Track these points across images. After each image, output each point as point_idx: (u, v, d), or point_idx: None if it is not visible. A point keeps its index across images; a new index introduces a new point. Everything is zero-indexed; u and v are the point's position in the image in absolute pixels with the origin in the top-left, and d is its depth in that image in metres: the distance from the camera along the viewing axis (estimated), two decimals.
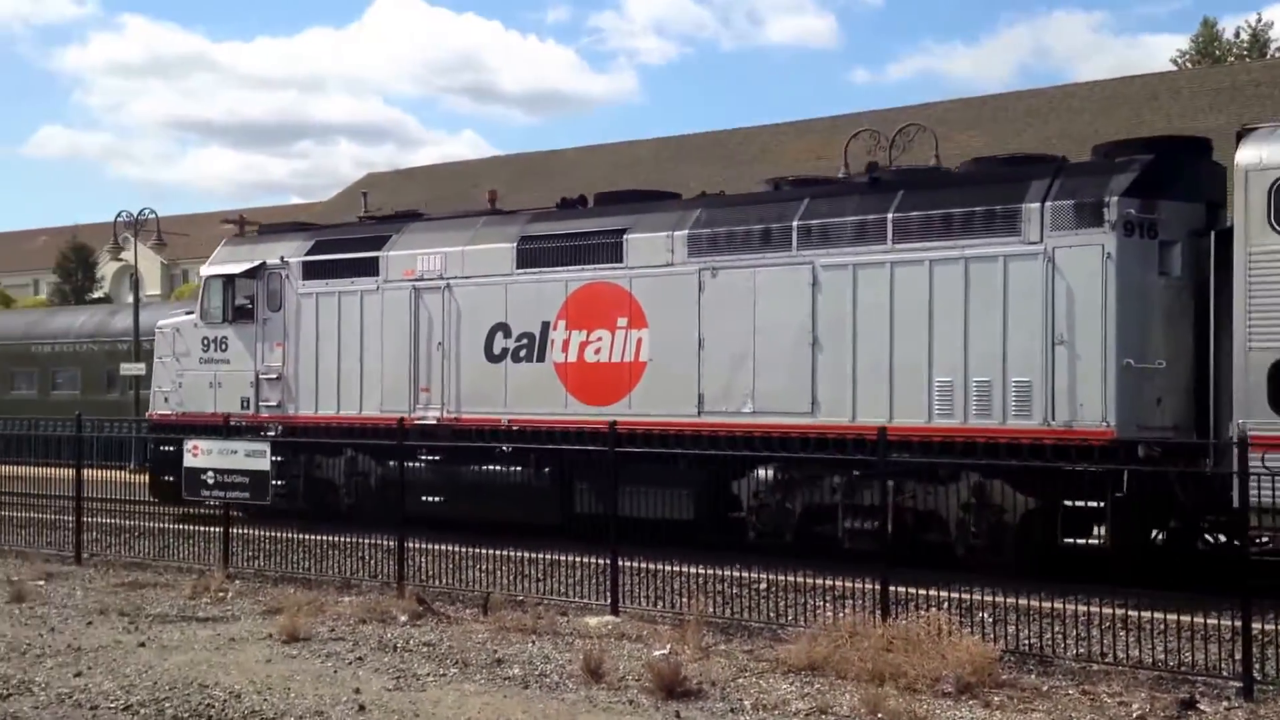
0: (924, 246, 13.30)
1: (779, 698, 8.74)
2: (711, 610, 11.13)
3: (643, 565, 12.25)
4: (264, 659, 10.10)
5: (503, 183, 32.15)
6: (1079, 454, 11.82)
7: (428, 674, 9.56)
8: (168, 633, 11.19)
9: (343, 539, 14.26)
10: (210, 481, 13.94)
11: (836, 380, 13.74)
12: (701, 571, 11.92)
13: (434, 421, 16.73)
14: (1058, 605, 10.43)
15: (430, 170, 58.95)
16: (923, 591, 10.66)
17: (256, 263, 18.85)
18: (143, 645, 10.65)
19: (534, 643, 10.57)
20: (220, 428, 15.64)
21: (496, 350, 16.40)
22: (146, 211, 22.51)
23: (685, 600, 11.50)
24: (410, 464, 15.53)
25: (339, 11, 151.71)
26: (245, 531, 14.73)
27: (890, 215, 13.60)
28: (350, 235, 18.89)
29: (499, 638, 10.76)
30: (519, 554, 13.09)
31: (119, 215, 22.62)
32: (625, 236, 15.52)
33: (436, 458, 16.23)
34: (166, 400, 19.72)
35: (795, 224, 14.21)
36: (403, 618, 11.58)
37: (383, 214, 19.97)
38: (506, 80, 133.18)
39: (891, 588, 10.45)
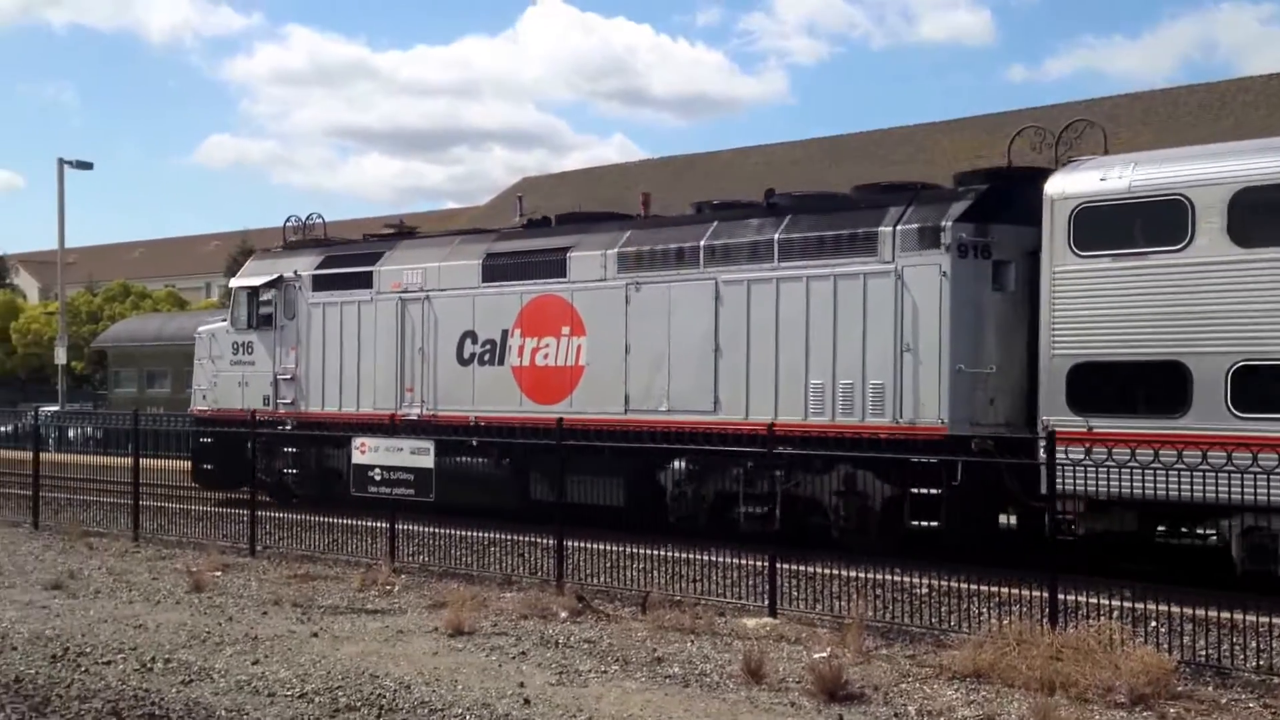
0: (803, 265, 15.11)
1: (944, 704, 8.55)
2: (871, 614, 10.96)
3: (800, 568, 12.15)
4: (431, 651, 10.32)
5: (656, 186, 32.26)
6: (922, 447, 13.43)
7: (589, 670, 9.64)
8: (339, 624, 11.54)
9: (503, 536, 14.49)
10: (376, 478, 14.34)
11: (733, 382, 15.60)
12: (860, 575, 11.74)
13: (415, 418, 18.57)
14: (1236, 615, 9.93)
15: (584, 174, 59.69)
16: (1092, 599, 10.33)
17: (275, 276, 21.11)
18: (315, 635, 10.98)
19: (692, 642, 10.56)
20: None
21: (466, 355, 18.42)
22: (314, 217, 23.24)
23: (844, 603, 11.35)
24: None
25: (493, 19, 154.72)
26: (410, 527, 15.09)
27: (776, 237, 15.43)
28: (352, 252, 21.01)
29: (658, 636, 10.78)
30: (675, 554, 13.11)
31: (288, 220, 23.39)
32: (568, 254, 17.49)
33: None
34: (204, 398, 22.04)
35: (702, 244, 16.09)
36: (563, 614, 11.71)
37: (383, 232, 22.13)
38: (656, 84, 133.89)
39: (1060, 595, 10.12)
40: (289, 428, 20.09)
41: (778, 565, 11.81)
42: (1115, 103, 42.27)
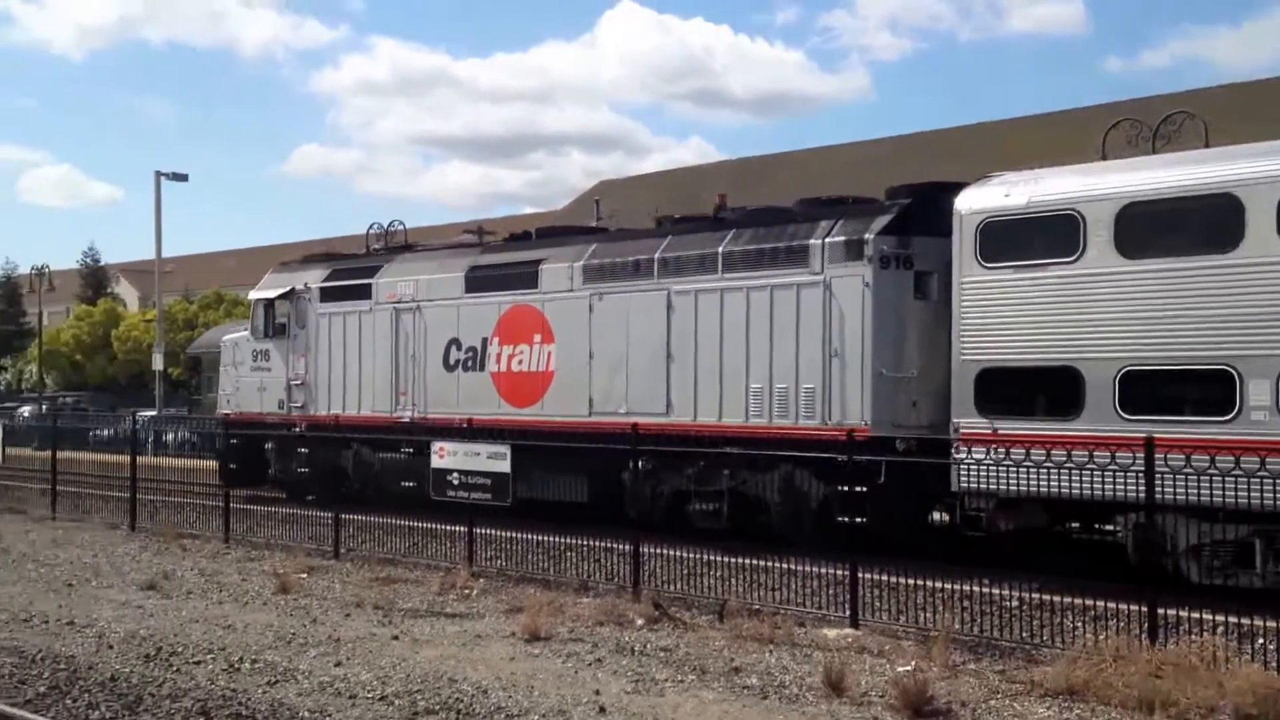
0: (744, 276, 16.03)
1: None
2: (958, 627, 10.71)
3: (884, 578, 11.93)
4: (508, 656, 10.35)
5: (732, 187, 32.10)
6: (848, 448, 13.40)
7: (665, 679, 9.57)
8: (418, 627, 11.63)
9: (580, 541, 14.49)
10: (455, 482, 14.43)
11: (683, 386, 16.63)
12: (947, 586, 11.51)
13: (408, 420, 19.95)
14: None
15: (661, 176, 59.73)
16: (1194, 614, 9.98)
17: (288, 288, 22.67)
18: (396, 638, 11.08)
19: (771, 652, 10.43)
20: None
21: (451, 361, 19.71)
22: (396, 223, 23.52)
23: (929, 615, 11.13)
24: (393, 455, 19.86)
25: (571, 25, 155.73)
26: (488, 531, 15.17)
27: (720, 250, 16.41)
28: (355, 265, 22.39)
29: (735, 646, 10.68)
30: (753, 561, 12.99)
31: (370, 227, 23.68)
32: (540, 267, 18.64)
33: (410, 451, 19.19)
34: (228, 402, 23.79)
35: (656, 257, 17.14)
36: (639, 621, 11.65)
37: (380, 248, 23.06)
38: (734, 84, 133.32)
39: (1159, 609, 9.80)
40: (300, 430, 21.39)
41: (860, 574, 11.63)
42: (1216, 94, 40.91)
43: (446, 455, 14.68)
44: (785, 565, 12.83)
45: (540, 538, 14.93)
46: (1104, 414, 12.70)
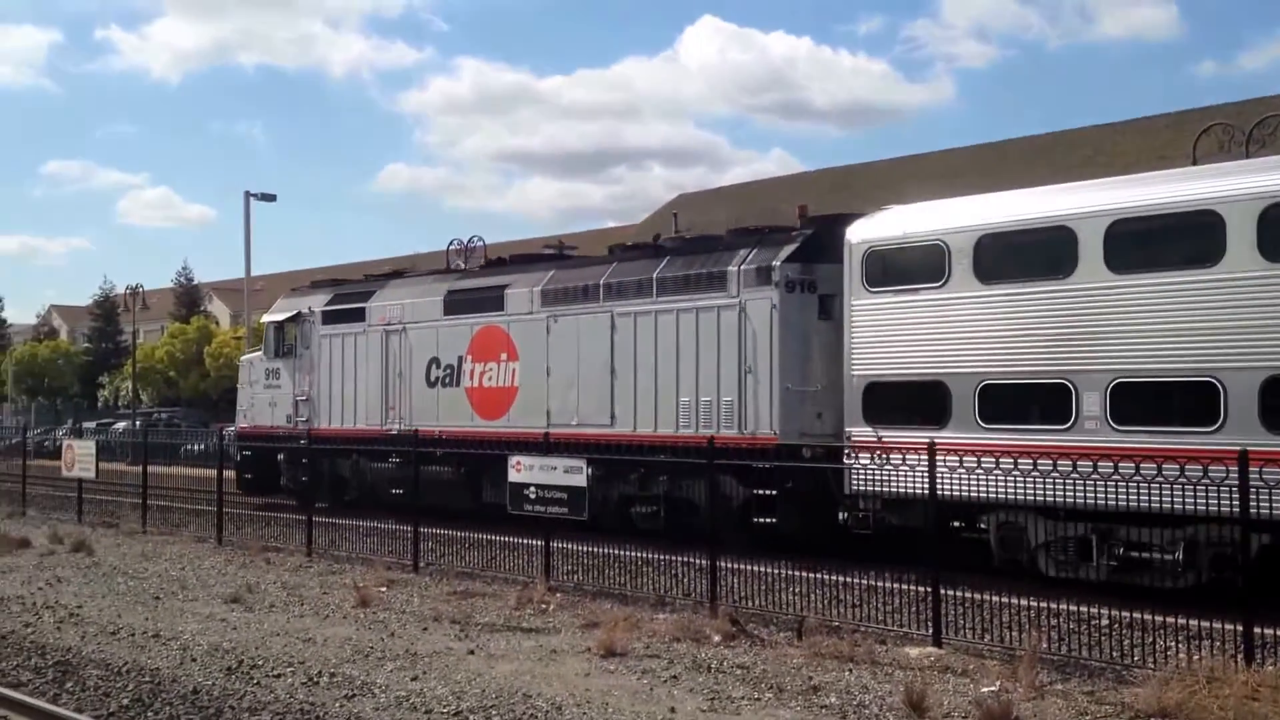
0: (675, 299, 17.79)
1: None
2: (1045, 646, 10.37)
3: (968, 595, 11.64)
4: (583, 672, 10.28)
5: (812, 198, 31.77)
6: (761, 454, 15.45)
7: (742, 697, 9.42)
8: (494, 641, 11.62)
9: (657, 556, 14.39)
10: (531, 496, 14.41)
11: (625, 400, 18.32)
12: (1034, 604, 11.18)
13: (395, 432, 21.83)
14: None
15: (739, 189, 59.41)
16: None
17: (295, 312, 24.87)
18: (472, 653, 11.08)
19: (850, 671, 10.22)
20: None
21: (432, 378, 21.63)
22: (475, 239, 23.79)
23: (1015, 634, 10.82)
24: (382, 464, 21.69)
25: (652, 40, 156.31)
26: (565, 546, 15.14)
27: (655, 276, 18.21)
28: (351, 290, 24.52)
29: (814, 663, 10.48)
30: (834, 578, 12.76)
31: (451, 243, 24.03)
32: (505, 291, 20.57)
33: (398, 460, 20.96)
34: (244, 416, 25.91)
35: (602, 282, 18.93)
36: (716, 638, 11.51)
37: (376, 274, 25.24)
38: (817, 96, 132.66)
39: (1256, 628, 9.41)
40: (305, 442, 23.40)
41: (943, 591, 11.35)
42: None
43: (523, 469, 14.64)
44: (866, 581, 12.58)
45: (617, 552, 14.86)
46: (966, 423, 14.24)
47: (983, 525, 14.21)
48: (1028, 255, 14.11)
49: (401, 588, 14.82)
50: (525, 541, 15.60)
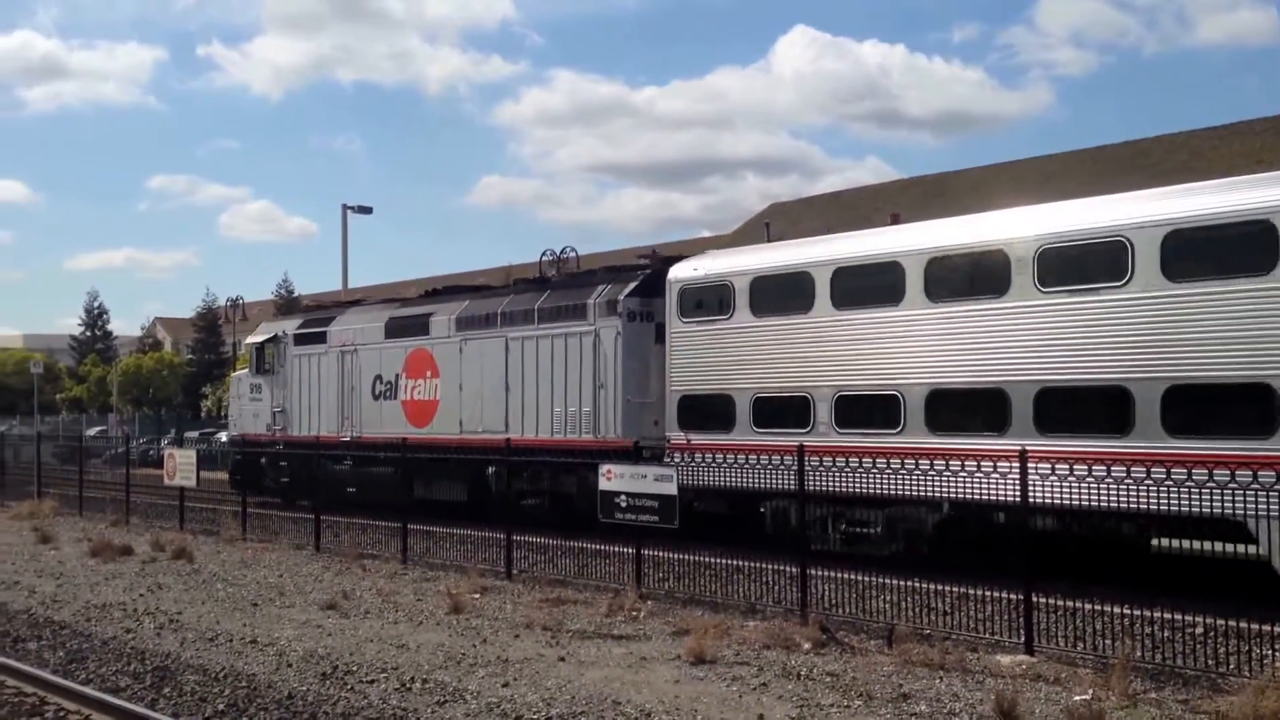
0: (551, 326, 21.61)
1: None
2: (1139, 654, 10.18)
3: (1060, 602, 11.44)
4: (672, 679, 10.31)
5: (905, 206, 31.49)
6: (610, 456, 18.55)
7: (831, 704, 9.37)
8: (585, 648, 11.70)
9: (748, 563, 14.36)
10: (623, 504, 14.46)
11: (517, 410, 22.11)
12: (1127, 612, 10.96)
13: (349, 439, 25.64)
14: None
15: (831, 198, 59.00)
16: None
17: (272, 335, 28.88)
18: (562, 660, 11.17)
19: (941, 679, 10.12)
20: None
21: (376, 392, 25.57)
22: (568, 250, 24.04)
23: (1109, 642, 10.62)
24: (339, 466, 25.06)
25: (746, 50, 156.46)
26: (656, 553, 15.18)
27: (536, 306, 22.13)
28: (318, 316, 28.52)
29: (904, 671, 10.39)
30: (925, 585, 12.62)
31: (543, 254, 24.29)
32: (430, 318, 24.53)
33: (352, 461, 25.02)
34: (234, 426, 30.28)
35: (499, 311, 22.89)
36: (806, 645, 11.46)
37: (332, 302, 30.22)
38: (911, 104, 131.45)
39: None
40: (281, 447, 26.93)
41: (1035, 599, 11.17)
42: None
43: (614, 478, 14.70)
44: (959, 589, 12.42)
45: (708, 559, 14.87)
46: (745, 428, 17.97)
47: (762, 509, 17.09)
48: (783, 294, 17.79)
49: (494, 595, 14.98)
50: (616, 549, 15.69)
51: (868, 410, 16.46)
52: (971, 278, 15.56)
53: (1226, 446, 12.42)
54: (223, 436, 45.39)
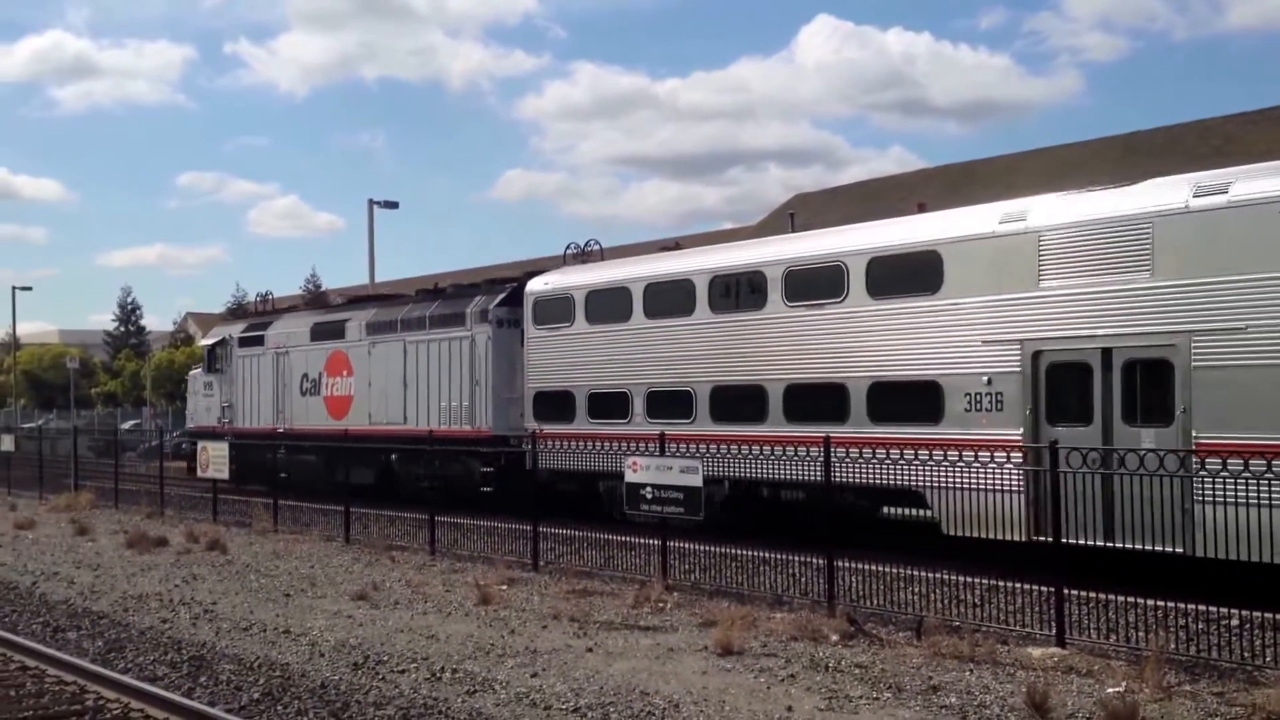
0: (438, 332, 24.88)
1: None
2: (1173, 646, 10.10)
3: (1092, 595, 11.37)
4: (700, 670, 10.33)
5: (931, 195, 31.31)
6: (485, 443, 22.51)
7: (860, 696, 9.36)
8: (612, 639, 11.74)
9: (774, 555, 14.35)
10: (649, 496, 14.46)
11: (413, 405, 25.42)
12: (1161, 604, 10.87)
13: (282, 430, 28.93)
14: None
15: (856, 187, 58.74)
16: None
17: (221, 338, 32.71)
18: (590, 650, 11.22)
19: (971, 671, 10.08)
20: (219, 433, 29.13)
21: (304, 389, 28.99)
22: (592, 243, 24.06)
23: (1141, 634, 10.54)
24: (273, 455, 26.96)
25: (768, 40, 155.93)
26: (681, 545, 15.20)
27: (427, 314, 25.43)
28: (257, 320, 32.30)
29: (934, 663, 10.36)
30: (954, 577, 12.56)
31: (568, 247, 24.29)
32: (346, 324, 28.02)
33: (285, 450, 27.74)
34: (191, 419, 34.25)
35: (399, 318, 26.26)
36: (834, 637, 11.45)
37: (269, 309, 33.27)
38: (936, 92, 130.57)
39: None
40: (229, 438, 29.07)
41: (1066, 591, 11.10)
42: None
43: (640, 470, 14.70)
44: (988, 581, 12.35)
45: (734, 551, 14.87)
46: (583, 419, 21.20)
47: (600, 488, 20.08)
48: (610, 306, 21.03)
49: (521, 586, 15.05)
50: (642, 541, 15.72)
51: (669, 404, 19.67)
52: (739, 295, 18.96)
53: (910, 431, 15.29)
54: None
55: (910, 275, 16.29)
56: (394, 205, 44.96)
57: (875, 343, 16.63)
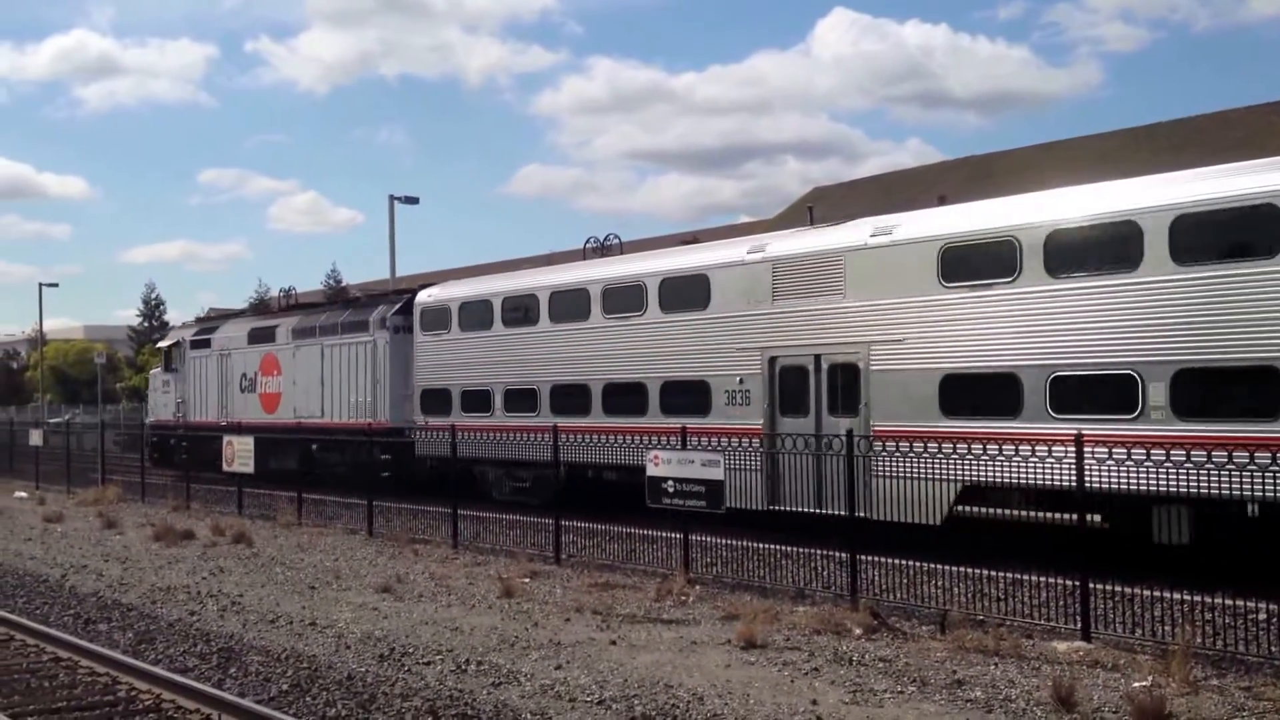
0: (347, 337, 28.35)
1: None
2: (1199, 641, 10.07)
3: (1118, 589, 11.33)
4: (723, 664, 10.35)
5: (951, 187, 31.15)
6: (384, 434, 25.31)
7: (884, 690, 9.37)
8: (635, 632, 11.77)
9: (796, 549, 14.35)
10: (670, 490, 14.49)
11: (329, 400, 28.88)
12: (1187, 598, 10.83)
13: (225, 424, 30.78)
14: None
15: (874, 181, 58.50)
16: None
17: (176, 341, 36.64)
18: (614, 643, 11.25)
19: (996, 665, 10.07)
20: (174, 426, 33.76)
21: (243, 387, 32.52)
22: (611, 237, 24.05)
23: (1167, 628, 10.51)
24: (219, 445, 28.78)
25: (785, 33, 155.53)
26: (703, 539, 15.21)
27: (339, 321, 29.01)
28: (205, 325, 36.62)
29: (958, 657, 10.36)
30: (978, 571, 12.55)
31: (587, 241, 24.33)
32: (276, 329, 31.49)
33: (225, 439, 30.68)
34: (152, 414, 37.58)
35: (317, 324, 29.81)
36: (857, 631, 11.45)
37: (215, 315, 40.41)
38: (955, 84, 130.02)
39: None
40: (181, 431, 33.26)
41: (1092, 585, 11.08)
42: None
43: (661, 463, 14.72)
44: (1012, 575, 12.34)
45: (755, 545, 14.87)
46: (458, 412, 24.34)
47: (474, 472, 23.18)
48: (476, 316, 24.44)
49: (544, 579, 15.09)
50: (664, 534, 15.74)
51: (521, 400, 23.04)
52: (571, 308, 22.16)
53: (690, 421, 17.43)
54: None
55: (689, 294, 19.76)
56: (414, 201, 45.10)
57: (666, 349, 20.00)
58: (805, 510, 16.07)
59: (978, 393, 15.39)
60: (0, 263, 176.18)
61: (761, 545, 14.78)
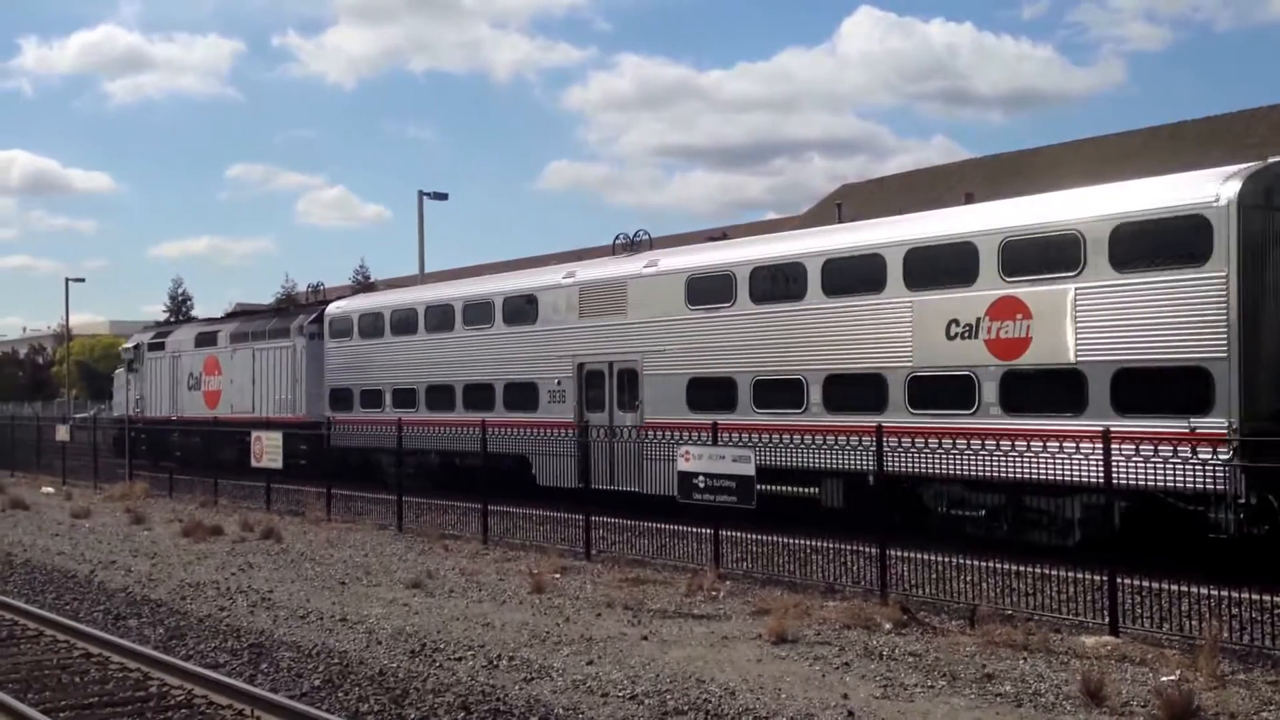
0: (272, 342, 32.65)
1: None
2: (1227, 635, 10.09)
3: (1146, 583, 11.35)
4: (754, 658, 10.42)
5: (978, 185, 31.07)
6: (305, 426, 29.08)
7: (915, 684, 9.42)
8: (666, 627, 11.85)
9: (826, 544, 14.40)
10: (701, 485, 14.52)
11: (259, 397, 32.72)
12: (1214, 593, 10.85)
13: (176, 419, 36.23)
14: None
15: (902, 178, 58.30)
16: None
17: (137, 343, 40.42)
18: (645, 639, 11.32)
19: (1025, 659, 10.11)
20: (134, 421, 36.36)
21: (190, 385, 36.37)
22: (641, 233, 24.06)
23: (1195, 623, 10.53)
24: (171, 438, 36.15)
25: (812, 31, 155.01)
26: (733, 534, 15.27)
27: (267, 328, 33.39)
28: (161, 329, 41.52)
29: (987, 652, 10.40)
30: (1007, 566, 12.57)
31: (617, 238, 24.35)
32: (217, 334, 35.62)
33: (178, 434, 35.64)
34: (116, 410, 40.86)
35: (250, 330, 34.10)
36: (887, 625, 11.50)
37: (174, 320, 47.76)
38: (980, 83, 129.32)
39: None
40: (140, 425, 36.70)
41: (1119, 580, 11.10)
42: None
43: (692, 459, 14.75)
44: (1040, 570, 12.36)
45: (785, 540, 14.92)
46: (358, 409, 28.14)
47: (372, 459, 26.58)
48: (372, 326, 28.53)
49: (574, 574, 15.17)
50: (694, 530, 15.80)
51: (404, 398, 26.87)
52: (443, 320, 26.32)
53: (522, 416, 23.17)
54: None
55: (522, 310, 24.30)
56: (443, 197, 45.15)
57: (507, 356, 24.31)
58: (605, 488, 19.37)
59: (709, 393, 19.81)
60: (26, 257, 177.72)
61: (791, 540, 14.83)
